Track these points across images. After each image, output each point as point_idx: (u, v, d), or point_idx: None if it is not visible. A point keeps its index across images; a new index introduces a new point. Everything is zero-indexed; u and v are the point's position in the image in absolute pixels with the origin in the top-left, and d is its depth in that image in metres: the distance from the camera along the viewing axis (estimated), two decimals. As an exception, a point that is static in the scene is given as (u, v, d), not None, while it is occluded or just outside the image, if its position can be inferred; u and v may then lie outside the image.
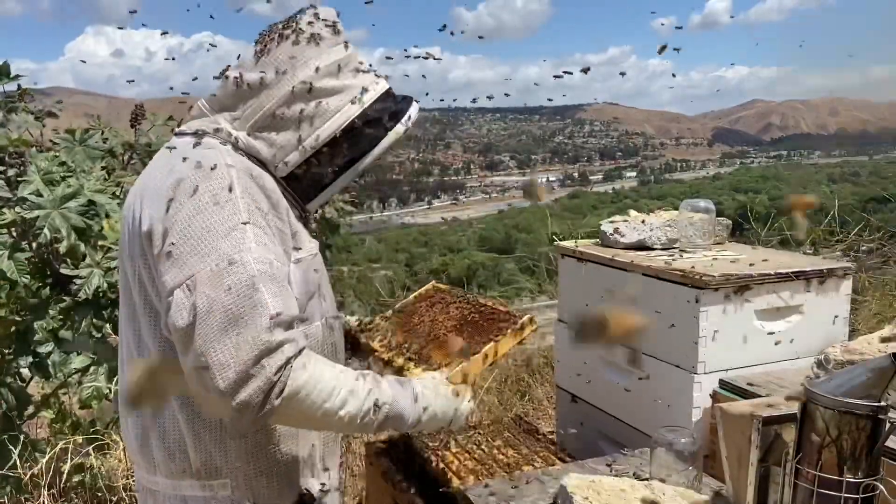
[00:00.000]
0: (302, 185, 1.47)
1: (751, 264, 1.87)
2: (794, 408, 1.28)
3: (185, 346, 1.24)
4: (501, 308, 1.67)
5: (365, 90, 1.47)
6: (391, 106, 1.49)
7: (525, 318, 1.59)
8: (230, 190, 1.32)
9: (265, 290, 1.25)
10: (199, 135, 1.43)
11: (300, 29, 1.44)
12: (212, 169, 1.33)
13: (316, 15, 1.47)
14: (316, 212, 1.64)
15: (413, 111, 1.53)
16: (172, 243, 1.27)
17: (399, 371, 1.58)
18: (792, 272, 1.83)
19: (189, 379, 1.26)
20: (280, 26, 1.46)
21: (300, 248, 1.44)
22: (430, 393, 1.42)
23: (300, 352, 1.26)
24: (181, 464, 1.42)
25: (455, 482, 1.84)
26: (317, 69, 1.43)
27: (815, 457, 1.21)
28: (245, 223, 1.30)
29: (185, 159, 1.36)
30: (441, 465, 1.95)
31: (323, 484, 1.54)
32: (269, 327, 1.23)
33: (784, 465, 1.29)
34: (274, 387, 1.22)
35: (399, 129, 1.49)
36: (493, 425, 2.27)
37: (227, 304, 1.22)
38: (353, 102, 1.45)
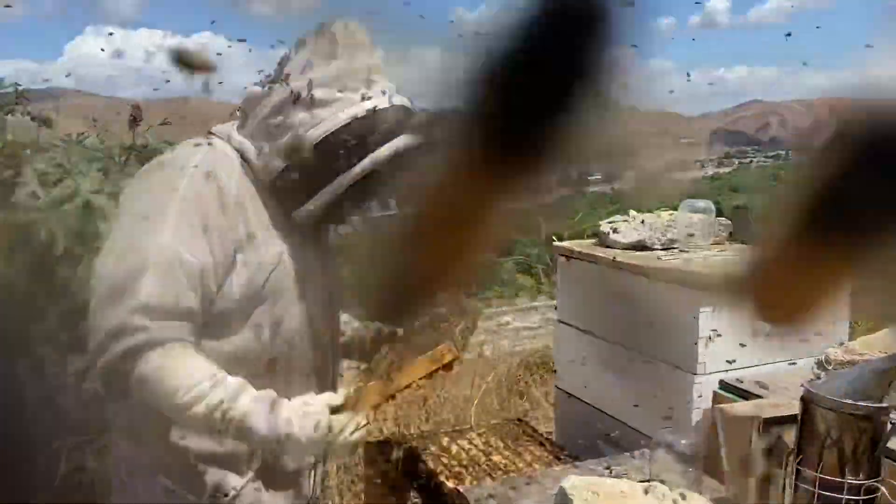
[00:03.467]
0: (285, 194, 1.46)
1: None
2: (795, 409, 1.28)
3: None
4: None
5: (355, 104, 1.41)
6: (383, 124, 1.42)
7: (442, 346, 1.44)
8: (176, 182, 1.39)
9: (151, 277, 1.32)
10: (207, 135, 1.50)
11: (315, 38, 1.44)
12: (171, 162, 1.45)
13: (339, 26, 1.44)
14: (320, 223, 1.54)
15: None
16: (114, 223, 1.45)
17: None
18: (792, 272, 1.82)
19: None
20: (305, 36, 1.46)
21: (254, 253, 1.44)
22: (295, 424, 1.36)
23: (161, 344, 1.31)
24: (113, 445, 1.53)
25: (453, 483, 1.83)
26: (311, 80, 1.41)
27: (817, 458, 1.21)
28: (172, 212, 1.36)
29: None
30: (439, 467, 1.94)
31: (244, 482, 1.50)
32: (132, 310, 1.30)
33: (785, 466, 1.28)
34: (118, 368, 1.31)
35: (382, 152, 1.40)
36: (492, 426, 2.26)
37: (115, 279, 1.34)
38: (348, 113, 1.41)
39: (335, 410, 1.40)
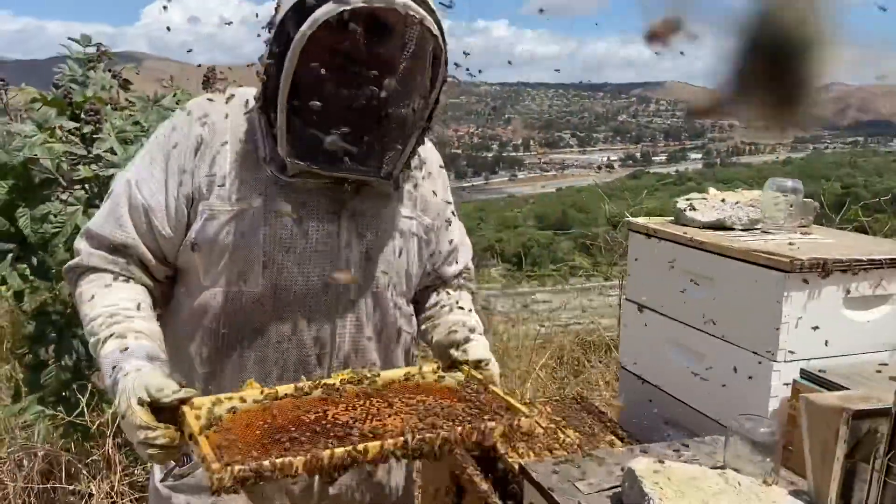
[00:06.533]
0: (273, 133, 1.35)
1: (840, 250, 1.76)
2: (886, 402, 1.21)
3: None
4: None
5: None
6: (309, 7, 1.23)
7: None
8: (167, 124, 1.47)
9: (105, 205, 1.44)
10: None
11: None
12: (182, 109, 1.50)
13: None
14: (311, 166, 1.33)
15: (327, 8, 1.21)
16: None
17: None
18: (886, 259, 1.71)
19: None
20: None
21: (213, 199, 1.38)
22: (116, 395, 1.22)
23: (89, 270, 1.41)
24: None
25: (514, 458, 1.81)
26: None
27: (911, 456, 1.14)
28: (144, 149, 1.47)
29: None
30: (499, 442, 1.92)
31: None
32: (82, 231, 1.46)
33: (873, 461, 1.21)
34: (69, 281, 1.45)
35: (303, 30, 1.22)
36: (551, 404, 2.22)
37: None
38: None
39: (169, 408, 1.18)
